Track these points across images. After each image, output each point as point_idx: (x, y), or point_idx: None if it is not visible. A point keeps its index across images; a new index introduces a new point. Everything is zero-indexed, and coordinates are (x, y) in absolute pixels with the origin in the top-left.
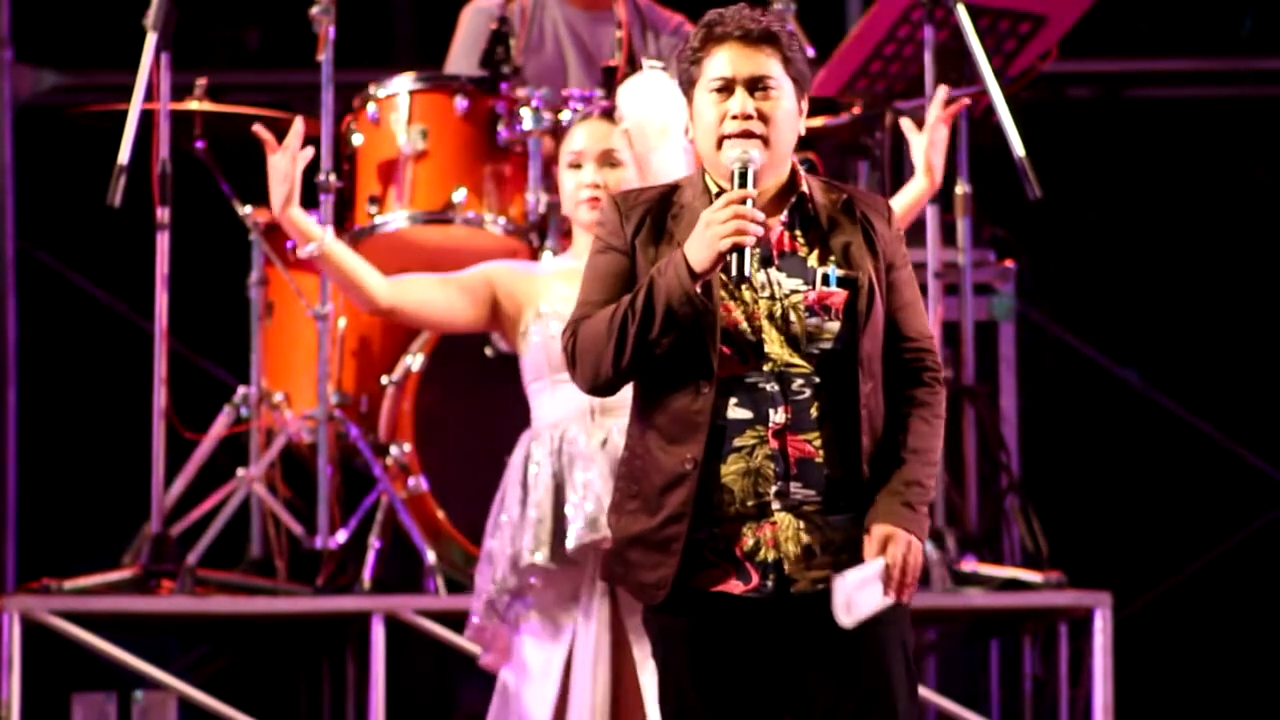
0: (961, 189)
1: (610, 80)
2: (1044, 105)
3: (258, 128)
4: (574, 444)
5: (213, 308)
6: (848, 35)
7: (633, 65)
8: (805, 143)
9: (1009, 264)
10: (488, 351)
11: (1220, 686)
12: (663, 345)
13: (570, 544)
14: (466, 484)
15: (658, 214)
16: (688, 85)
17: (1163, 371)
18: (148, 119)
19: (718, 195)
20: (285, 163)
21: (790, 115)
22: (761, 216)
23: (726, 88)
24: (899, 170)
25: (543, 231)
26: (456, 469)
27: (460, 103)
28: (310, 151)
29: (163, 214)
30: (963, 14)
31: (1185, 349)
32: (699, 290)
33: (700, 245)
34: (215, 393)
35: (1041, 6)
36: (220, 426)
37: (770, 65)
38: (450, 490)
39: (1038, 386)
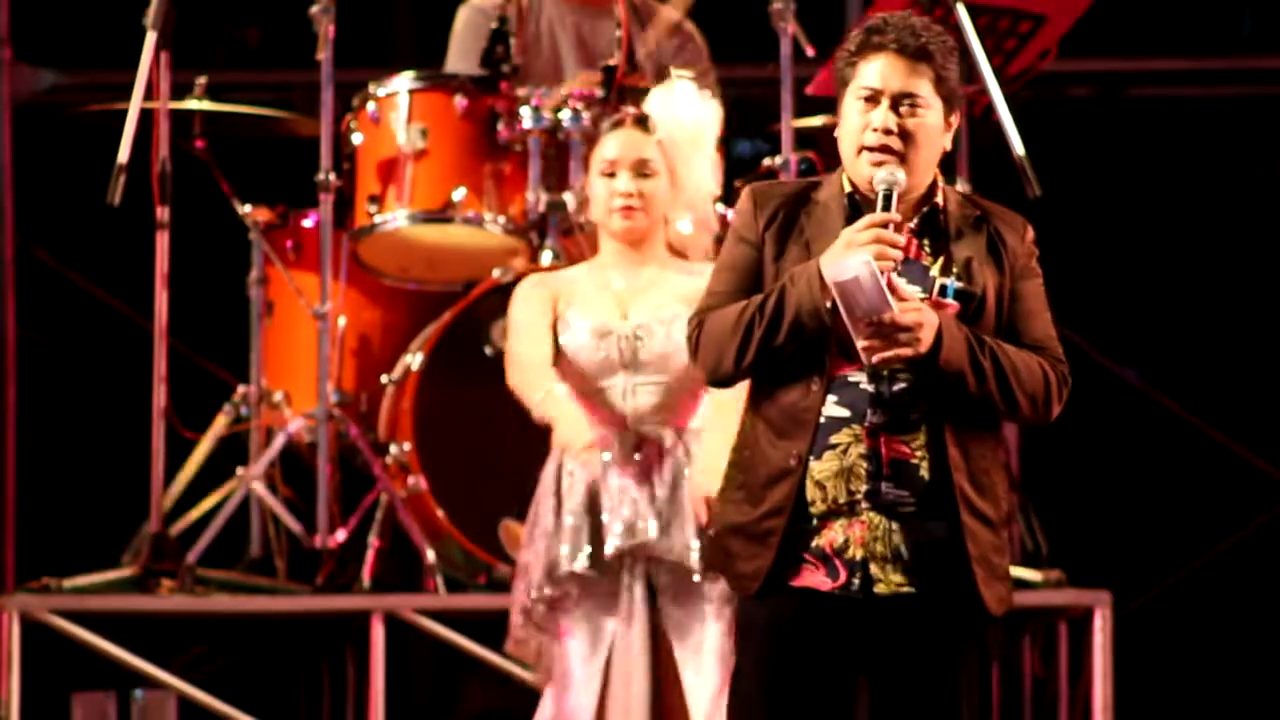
0: (961, 188)
1: (610, 80)
2: (1044, 104)
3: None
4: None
5: (212, 307)
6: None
7: (631, 65)
8: (805, 142)
9: None
10: (487, 351)
11: (1220, 686)
12: (786, 351)
13: (609, 550)
14: (466, 483)
15: (792, 208)
16: (841, 84)
17: (1162, 371)
18: (147, 118)
19: (850, 195)
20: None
21: (934, 133)
22: (902, 241)
23: (873, 98)
24: None
25: (542, 230)
26: (456, 468)
27: (460, 102)
28: None
29: (162, 213)
30: (962, 13)
31: (1185, 348)
32: (829, 306)
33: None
34: (215, 392)
35: (1041, 6)
36: (220, 426)
37: (920, 84)
38: (450, 489)
39: None
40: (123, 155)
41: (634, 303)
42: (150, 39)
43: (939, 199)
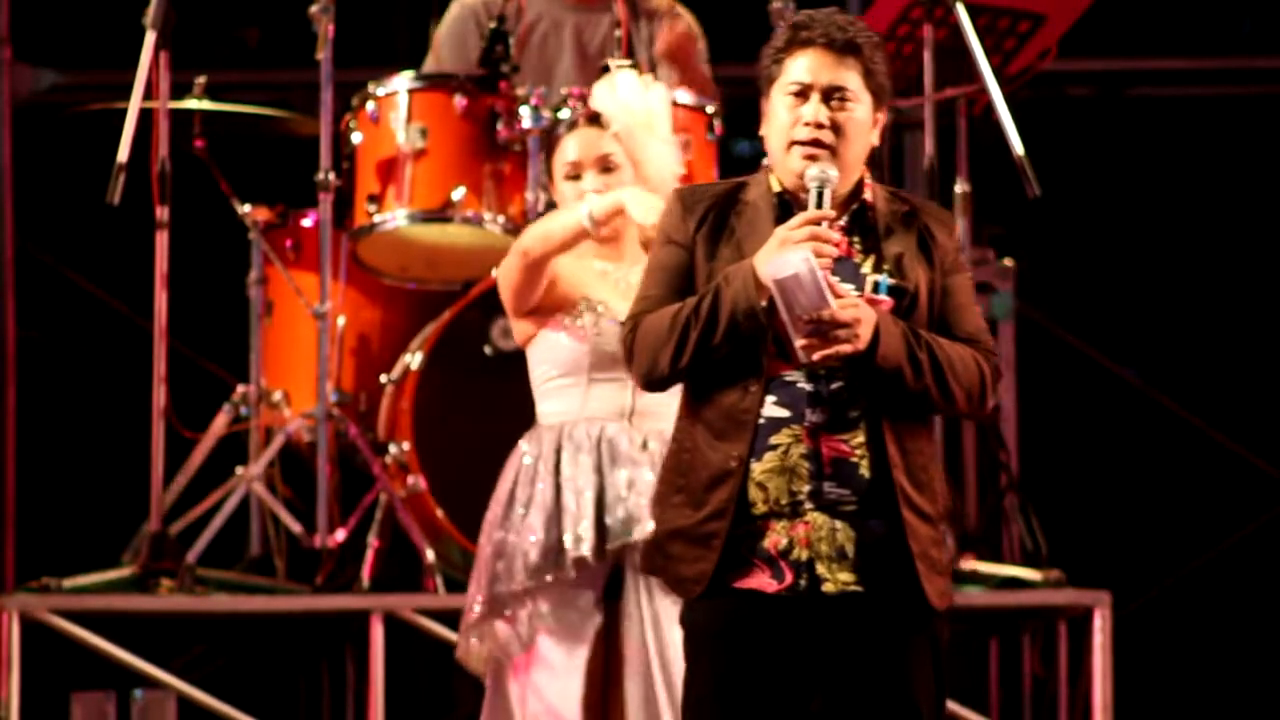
0: (961, 188)
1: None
2: (1043, 104)
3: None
4: (615, 443)
5: (212, 307)
6: None
7: (632, 64)
8: None
9: (1008, 263)
10: (487, 350)
11: (1220, 685)
12: (721, 351)
13: (611, 542)
14: (465, 482)
15: (721, 210)
16: (766, 83)
17: (1162, 370)
18: (147, 118)
19: (779, 195)
20: None
21: (863, 127)
22: (837, 238)
23: (803, 93)
24: (899, 169)
25: None
26: (455, 467)
27: (459, 101)
28: None
29: (162, 213)
30: (962, 13)
31: (1184, 348)
32: (765, 305)
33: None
34: (214, 392)
35: (1041, 5)
36: (220, 425)
37: (850, 77)
38: (449, 489)
39: (1037, 386)
40: (122, 155)
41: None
42: (150, 39)
43: (868, 195)
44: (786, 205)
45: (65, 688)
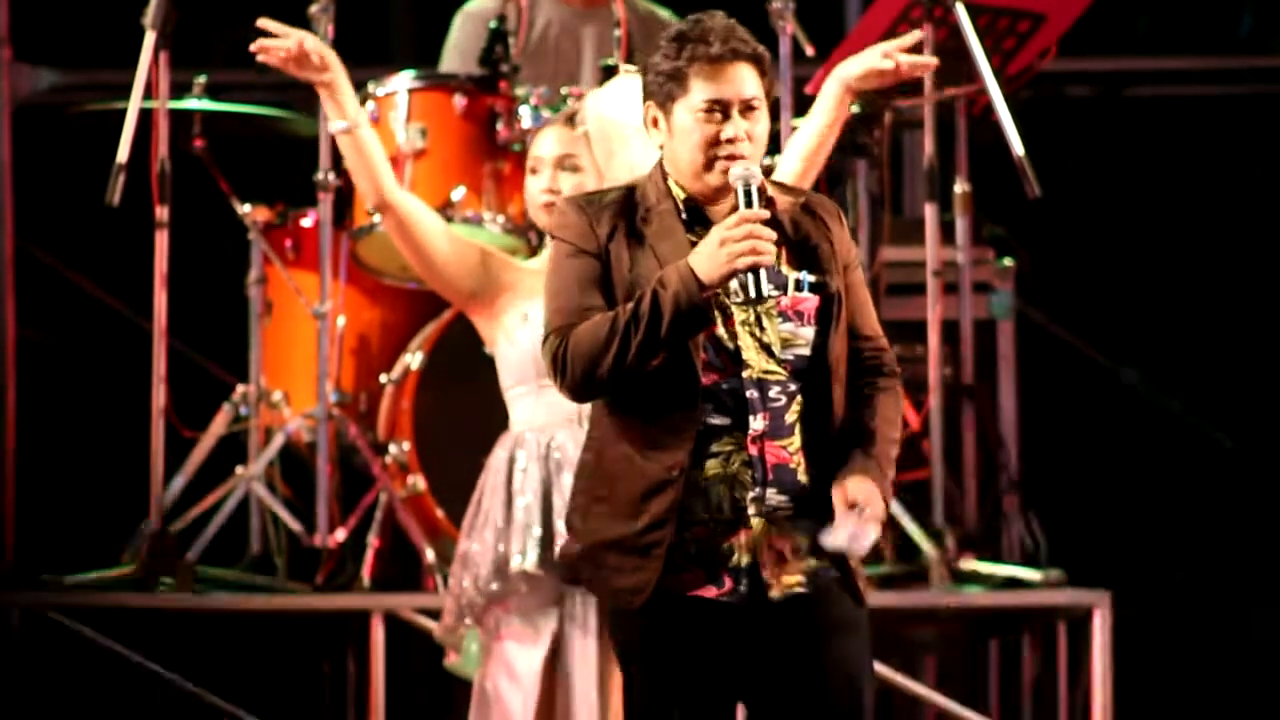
0: (961, 187)
1: (609, 79)
2: (1043, 104)
3: (263, 20)
4: (563, 450)
5: (212, 306)
6: (847, 34)
7: (632, 64)
8: None
9: (1008, 263)
10: (486, 350)
11: (1220, 686)
12: (661, 355)
13: (560, 553)
14: (465, 482)
15: (628, 219)
16: (665, 99)
17: (1162, 371)
18: (146, 118)
19: (687, 202)
20: (294, 51)
21: (766, 133)
22: (774, 236)
23: (720, 110)
24: (899, 170)
25: (540, 230)
26: (455, 467)
27: (459, 101)
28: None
29: (161, 213)
30: (962, 13)
31: (1185, 348)
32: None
33: (713, 261)
34: (214, 391)
35: (1041, 5)
36: (219, 425)
37: (757, 87)
38: (449, 489)
39: (1037, 385)
40: (122, 155)
41: None
42: (150, 38)
43: (769, 193)
44: (695, 211)
45: (66, 686)
